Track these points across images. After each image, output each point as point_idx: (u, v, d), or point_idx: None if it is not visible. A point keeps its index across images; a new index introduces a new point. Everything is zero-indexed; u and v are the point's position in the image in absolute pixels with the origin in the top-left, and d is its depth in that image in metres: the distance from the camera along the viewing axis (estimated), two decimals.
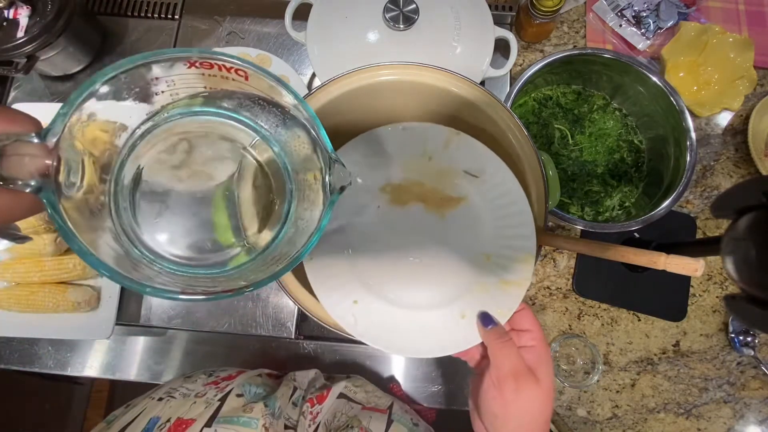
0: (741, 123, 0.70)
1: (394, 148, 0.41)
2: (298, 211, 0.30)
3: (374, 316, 0.38)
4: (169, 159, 0.30)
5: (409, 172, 0.41)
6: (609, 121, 0.68)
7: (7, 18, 0.63)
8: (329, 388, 0.53)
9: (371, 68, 0.45)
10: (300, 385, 0.54)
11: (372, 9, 0.61)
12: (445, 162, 0.41)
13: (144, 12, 0.78)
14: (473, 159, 0.41)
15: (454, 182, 0.41)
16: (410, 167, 0.41)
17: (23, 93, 0.75)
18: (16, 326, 0.61)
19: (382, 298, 0.38)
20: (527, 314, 0.38)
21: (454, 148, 0.40)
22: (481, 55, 0.63)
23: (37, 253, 0.59)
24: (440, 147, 0.41)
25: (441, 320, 0.38)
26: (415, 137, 0.41)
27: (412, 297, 0.39)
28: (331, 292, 0.38)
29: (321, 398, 0.51)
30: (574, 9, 0.75)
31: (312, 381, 0.56)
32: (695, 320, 0.64)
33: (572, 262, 0.66)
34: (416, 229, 0.40)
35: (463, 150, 0.41)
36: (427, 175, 0.41)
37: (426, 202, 0.41)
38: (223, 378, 0.49)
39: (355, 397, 0.52)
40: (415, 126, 0.41)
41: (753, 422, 0.61)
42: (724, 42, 0.68)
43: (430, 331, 0.38)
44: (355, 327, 0.37)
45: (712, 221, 0.67)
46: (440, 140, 0.41)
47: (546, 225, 0.42)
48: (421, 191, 0.41)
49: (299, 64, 0.75)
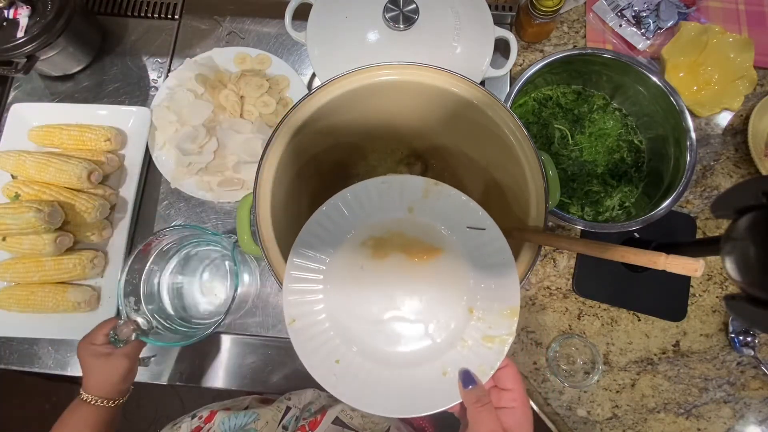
0: (741, 123, 0.70)
1: (374, 202, 0.40)
2: None
3: (355, 374, 0.37)
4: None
5: (391, 224, 0.41)
6: (609, 121, 0.68)
7: (7, 18, 0.63)
8: (324, 412, 0.52)
9: (371, 68, 0.45)
10: (296, 404, 0.54)
11: (372, 9, 0.61)
12: (426, 212, 0.40)
13: (144, 12, 0.78)
14: (460, 211, 0.40)
15: (435, 232, 0.40)
16: (391, 219, 0.41)
17: (23, 93, 0.75)
18: (16, 326, 0.62)
19: (363, 356, 0.38)
20: (511, 372, 0.37)
21: (434, 199, 0.40)
22: (481, 55, 0.63)
23: (37, 253, 0.59)
24: (419, 197, 0.40)
25: (424, 377, 0.37)
26: (394, 189, 0.40)
27: (394, 353, 0.38)
28: (312, 355, 0.37)
29: (314, 424, 0.50)
30: (574, 9, 0.75)
31: (309, 403, 0.55)
32: (695, 320, 0.64)
33: (572, 262, 0.66)
34: (398, 283, 0.39)
35: (443, 200, 0.40)
36: (408, 226, 0.41)
37: (408, 253, 0.40)
38: (205, 420, 0.51)
39: (351, 423, 0.52)
40: (392, 179, 0.40)
41: (753, 422, 0.61)
42: (724, 42, 0.68)
43: (412, 389, 0.37)
44: (335, 388, 0.36)
45: (712, 221, 0.67)
46: (418, 191, 0.40)
47: (546, 225, 0.42)
48: (402, 242, 0.40)
49: (299, 64, 0.75)
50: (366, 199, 0.40)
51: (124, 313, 0.54)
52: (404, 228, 0.40)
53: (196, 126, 0.67)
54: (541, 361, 0.63)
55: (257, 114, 0.68)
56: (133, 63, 0.76)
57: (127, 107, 0.69)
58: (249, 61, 0.72)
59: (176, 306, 0.63)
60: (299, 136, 0.45)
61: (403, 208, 0.40)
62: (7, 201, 0.61)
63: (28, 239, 0.59)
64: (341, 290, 0.39)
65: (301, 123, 0.45)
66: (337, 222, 0.40)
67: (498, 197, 0.52)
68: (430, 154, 0.60)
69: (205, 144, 0.67)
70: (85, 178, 0.61)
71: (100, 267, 0.63)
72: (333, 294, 0.39)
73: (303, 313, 0.38)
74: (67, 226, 0.62)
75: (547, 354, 0.62)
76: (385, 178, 0.40)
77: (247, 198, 0.46)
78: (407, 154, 0.61)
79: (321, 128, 0.47)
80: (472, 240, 0.40)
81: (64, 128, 0.66)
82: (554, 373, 0.62)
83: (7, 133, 0.68)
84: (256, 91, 0.68)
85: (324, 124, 0.47)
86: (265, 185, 0.43)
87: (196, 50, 0.75)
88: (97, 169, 0.63)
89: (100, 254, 0.63)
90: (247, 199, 0.46)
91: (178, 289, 0.64)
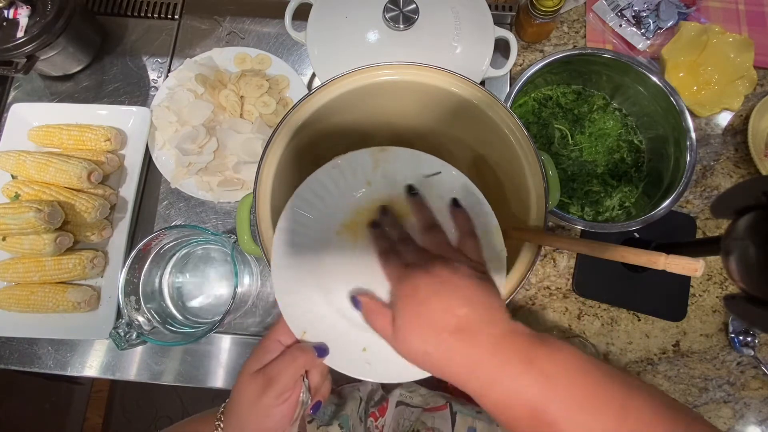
0: (741, 123, 0.70)
1: (333, 190, 0.40)
2: None
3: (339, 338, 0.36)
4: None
5: (356, 204, 0.40)
6: (609, 121, 0.68)
7: (7, 18, 0.63)
8: (386, 399, 0.52)
9: (371, 68, 0.45)
10: (363, 396, 0.53)
11: (372, 9, 0.61)
12: (383, 180, 0.40)
13: (144, 12, 0.78)
14: (412, 166, 0.40)
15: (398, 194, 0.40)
16: (354, 199, 0.40)
17: (23, 93, 0.75)
18: (16, 326, 0.61)
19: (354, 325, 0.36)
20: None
21: (385, 165, 0.40)
22: (481, 55, 0.63)
23: (37, 253, 0.59)
24: (371, 169, 0.40)
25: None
26: (346, 170, 0.40)
27: None
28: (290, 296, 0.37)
29: (383, 410, 0.51)
30: (574, 9, 0.75)
31: (371, 392, 0.55)
32: (695, 320, 0.64)
33: (572, 262, 0.66)
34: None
35: (392, 163, 0.40)
36: (373, 198, 0.40)
37: None
38: None
39: (413, 402, 0.52)
40: (340, 160, 0.40)
41: (753, 422, 0.61)
42: (724, 42, 0.68)
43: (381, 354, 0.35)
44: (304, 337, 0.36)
45: (712, 221, 0.67)
46: (368, 164, 0.40)
47: (546, 225, 0.42)
48: (371, 217, 0.40)
49: (299, 64, 0.75)
50: (324, 191, 0.39)
51: (125, 312, 0.54)
52: (369, 202, 0.40)
53: (196, 126, 0.67)
54: None
55: (257, 114, 0.68)
56: (133, 63, 0.76)
57: (127, 107, 0.69)
58: (249, 61, 0.72)
59: (176, 305, 0.63)
60: (299, 136, 0.45)
61: (361, 185, 0.40)
62: (7, 201, 0.61)
63: (28, 239, 0.59)
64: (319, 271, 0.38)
65: (301, 123, 0.44)
66: (306, 229, 0.39)
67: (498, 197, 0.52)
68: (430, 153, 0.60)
69: (205, 144, 0.67)
70: (85, 178, 0.61)
71: (100, 267, 0.63)
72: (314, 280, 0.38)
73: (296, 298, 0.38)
74: (67, 226, 0.62)
75: None
76: (334, 161, 0.40)
77: (247, 198, 0.46)
78: None
79: (321, 128, 0.47)
80: (435, 188, 0.40)
81: (64, 128, 0.66)
82: None
83: (7, 133, 0.68)
84: (256, 91, 0.68)
85: (324, 124, 0.47)
86: (265, 185, 0.43)
87: (196, 50, 0.75)
88: (97, 169, 0.63)
89: (100, 254, 0.63)
90: (247, 199, 0.46)
91: (178, 288, 0.64)
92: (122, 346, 0.52)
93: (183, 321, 0.62)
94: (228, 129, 0.67)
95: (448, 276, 0.31)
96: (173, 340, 0.57)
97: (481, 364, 0.28)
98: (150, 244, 0.57)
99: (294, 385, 0.35)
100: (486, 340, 0.29)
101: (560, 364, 0.28)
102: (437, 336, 0.29)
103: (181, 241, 0.63)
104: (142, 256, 0.58)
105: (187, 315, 0.63)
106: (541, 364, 0.28)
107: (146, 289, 0.59)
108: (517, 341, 0.29)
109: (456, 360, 0.29)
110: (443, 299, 0.30)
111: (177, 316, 0.62)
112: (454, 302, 0.30)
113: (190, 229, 0.57)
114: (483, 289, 0.31)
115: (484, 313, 0.30)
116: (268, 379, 0.34)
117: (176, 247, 0.64)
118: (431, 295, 0.30)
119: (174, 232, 0.58)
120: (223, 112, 0.69)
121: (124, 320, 0.53)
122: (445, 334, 0.29)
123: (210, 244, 0.65)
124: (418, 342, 0.30)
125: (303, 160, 0.49)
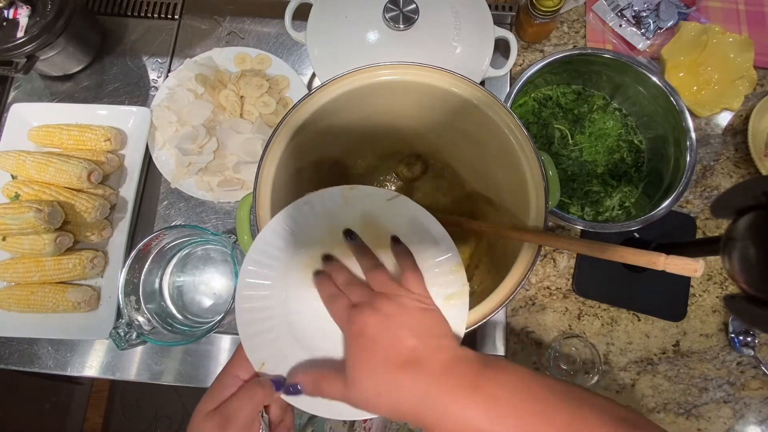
0: (741, 123, 0.70)
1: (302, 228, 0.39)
2: None
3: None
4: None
5: (327, 238, 0.40)
6: (609, 121, 0.68)
7: (7, 18, 0.63)
8: None
9: (371, 68, 0.45)
10: None
11: (372, 9, 0.61)
12: (352, 213, 0.40)
13: (144, 12, 0.78)
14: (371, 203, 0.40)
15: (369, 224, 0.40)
16: (327, 235, 0.40)
17: (23, 93, 0.75)
18: (16, 326, 0.61)
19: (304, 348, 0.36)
20: None
21: (354, 202, 0.39)
22: (481, 55, 0.63)
23: (37, 253, 0.59)
24: (340, 204, 0.39)
25: None
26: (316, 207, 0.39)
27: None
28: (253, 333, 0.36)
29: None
30: (574, 9, 0.75)
31: None
32: (695, 320, 0.64)
33: (572, 262, 0.66)
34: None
35: (360, 199, 0.40)
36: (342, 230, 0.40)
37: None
38: None
39: None
40: (312, 197, 0.39)
41: (753, 422, 0.61)
42: (724, 42, 0.68)
43: None
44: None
45: (712, 221, 0.67)
46: (338, 199, 0.39)
47: (546, 225, 0.42)
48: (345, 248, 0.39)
49: (299, 64, 0.75)
50: (296, 227, 0.39)
51: (125, 312, 0.54)
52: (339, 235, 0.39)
53: (196, 126, 0.67)
54: (541, 361, 0.63)
55: (257, 114, 0.68)
56: (133, 63, 0.76)
57: (127, 107, 0.69)
58: (249, 61, 0.72)
59: (176, 305, 0.63)
60: (299, 136, 0.45)
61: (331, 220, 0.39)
62: (7, 201, 0.61)
63: (28, 239, 0.59)
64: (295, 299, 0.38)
65: (301, 123, 0.44)
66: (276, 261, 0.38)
67: (498, 197, 0.52)
68: (430, 153, 0.60)
69: (205, 144, 0.67)
70: (85, 178, 0.61)
71: (100, 267, 0.63)
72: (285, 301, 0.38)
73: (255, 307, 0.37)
74: (67, 226, 0.62)
75: (547, 354, 0.62)
76: (307, 197, 0.39)
77: (247, 198, 0.46)
78: (407, 154, 0.61)
79: (321, 128, 0.47)
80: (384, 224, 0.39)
81: (64, 128, 0.66)
82: (554, 373, 0.62)
83: (6, 133, 0.68)
84: (256, 91, 0.68)
85: (324, 124, 0.47)
86: (265, 185, 0.43)
87: (196, 50, 0.75)
88: (97, 169, 0.63)
89: (100, 254, 0.63)
90: (247, 199, 0.46)
91: (178, 288, 0.64)
92: (122, 346, 0.52)
93: (183, 321, 0.62)
94: (228, 129, 0.67)
95: (395, 311, 0.31)
96: (173, 340, 0.57)
97: (430, 394, 0.29)
98: (150, 244, 0.57)
99: (252, 422, 0.33)
100: (434, 368, 0.29)
101: (506, 386, 0.28)
102: (387, 374, 0.29)
103: (181, 241, 0.63)
104: (142, 256, 0.58)
105: (187, 315, 0.63)
106: (488, 388, 0.28)
107: (146, 289, 0.59)
108: (464, 367, 0.30)
109: (405, 396, 0.29)
110: (391, 333, 0.30)
111: (177, 316, 0.62)
112: (402, 334, 0.30)
113: (190, 229, 0.57)
114: (429, 318, 0.32)
115: (430, 342, 0.31)
116: (224, 418, 0.32)
117: (176, 247, 0.64)
118: (381, 332, 0.31)
119: (174, 232, 0.58)
120: (223, 112, 0.69)
121: (124, 320, 0.53)
122: (394, 370, 0.29)
123: (210, 244, 0.65)
124: (369, 384, 0.30)
125: (303, 160, 0.49)
